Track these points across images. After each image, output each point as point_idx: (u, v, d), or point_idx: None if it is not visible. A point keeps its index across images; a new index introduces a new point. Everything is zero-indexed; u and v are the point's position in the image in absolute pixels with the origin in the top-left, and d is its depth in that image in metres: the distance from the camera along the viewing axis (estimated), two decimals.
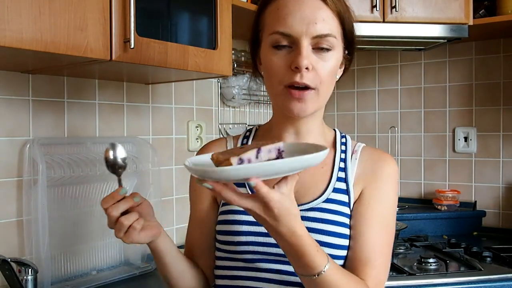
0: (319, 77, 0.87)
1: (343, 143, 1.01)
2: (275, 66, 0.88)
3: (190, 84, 1.94)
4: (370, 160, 0.97)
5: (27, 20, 0.99)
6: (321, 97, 0.90)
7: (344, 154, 0.99)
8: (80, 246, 1.51)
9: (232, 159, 0.68)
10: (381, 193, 0.95)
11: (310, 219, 0.91)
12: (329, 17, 0.87)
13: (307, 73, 0.86)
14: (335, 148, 1.00)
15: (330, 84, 0.91)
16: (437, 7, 1.93)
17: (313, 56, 0.87)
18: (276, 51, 0.88)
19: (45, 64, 1.29)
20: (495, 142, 2.28)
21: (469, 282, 1.60)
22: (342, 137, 1.03)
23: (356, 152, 0.99)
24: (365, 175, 0.96)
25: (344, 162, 0.97)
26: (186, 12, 1.41)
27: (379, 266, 0.91)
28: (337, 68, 0.92)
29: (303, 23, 0.86)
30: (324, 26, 0.86)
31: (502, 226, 2.26)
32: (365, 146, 1.01)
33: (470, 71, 2.34)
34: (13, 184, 1.39)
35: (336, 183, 0.95)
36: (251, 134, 1.05)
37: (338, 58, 0.91)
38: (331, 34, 0.87)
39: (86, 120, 1.58)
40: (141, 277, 1.58)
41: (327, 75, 0.88)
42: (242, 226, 0.92)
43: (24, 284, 1.24)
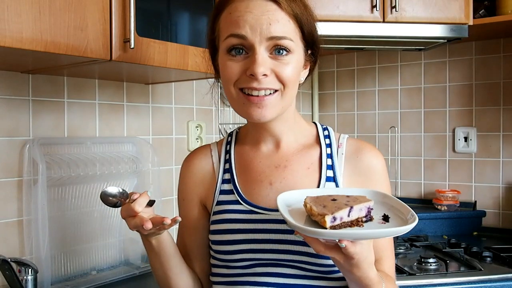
0: (280, 80, 0.85)
1: (326, 136, 0.99)
2: (231, 72, 0.86)
3: (190, 84, 1.94)
4: (355, 154, 0.95)
5: (27, 20, 0.99)
6: (284, 100, 0.88)
7: (329, 149, 0.96)
8: (80, 246, 1.51)
9: (326, 218, 0.74)
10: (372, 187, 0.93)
11: None
12: (284, 20, 0.84)
13: (266, 78, 0.84)
14: (320, 143, 0.97)
15: (293, 86, 0.88)
16: (437, 7, 1.93)
17: (271, 61, 0.85)
18: (232, 56, 0.86)
19: (45, 64, 1.29)
20: (495, 142, 2.28)
21: (469, 282, 1.60)
22: (324, 129, 1.00)
23: (342, 146, 0.97)
24: (353, 172, 0.94)
25: (331, 158, 0.95)
26: (186, 12, 1.41)
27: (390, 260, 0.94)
28: (299, 71, 0.89)
29: (257, 24, 0.83)
30: (279, 28, 0.84)
31: (502, 226, 2.26)
32: (348, 137, 0.99)
33: (470, 71, 2.34)
34: (13, 184, 1.39)
35: (326, 184, 0.93)
36: (232, 138, 1.04)
37: (298, 60, 0.88)
38: (286, 36, 0.84)
39: (86, 120, 1.58)
40: (141, 277, 1.58)
41: (288, 78, 0.86)
42: (237, 235, 0.92)
43: (24, 284, 1.24)
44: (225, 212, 0.94)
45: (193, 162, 1.04)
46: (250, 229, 0.91)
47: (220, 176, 0.99)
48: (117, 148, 1.62)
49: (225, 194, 0.97)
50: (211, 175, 1.01)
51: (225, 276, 0.96)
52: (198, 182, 1.02)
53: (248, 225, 0.91)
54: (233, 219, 0.93)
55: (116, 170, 1.55)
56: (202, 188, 1.01)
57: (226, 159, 1.01)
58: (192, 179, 1.03)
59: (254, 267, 0.91)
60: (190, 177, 1.03)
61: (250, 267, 0.92)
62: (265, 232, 0.90)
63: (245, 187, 0.96)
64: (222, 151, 1.03)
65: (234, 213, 0.93)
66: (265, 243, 0.90)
